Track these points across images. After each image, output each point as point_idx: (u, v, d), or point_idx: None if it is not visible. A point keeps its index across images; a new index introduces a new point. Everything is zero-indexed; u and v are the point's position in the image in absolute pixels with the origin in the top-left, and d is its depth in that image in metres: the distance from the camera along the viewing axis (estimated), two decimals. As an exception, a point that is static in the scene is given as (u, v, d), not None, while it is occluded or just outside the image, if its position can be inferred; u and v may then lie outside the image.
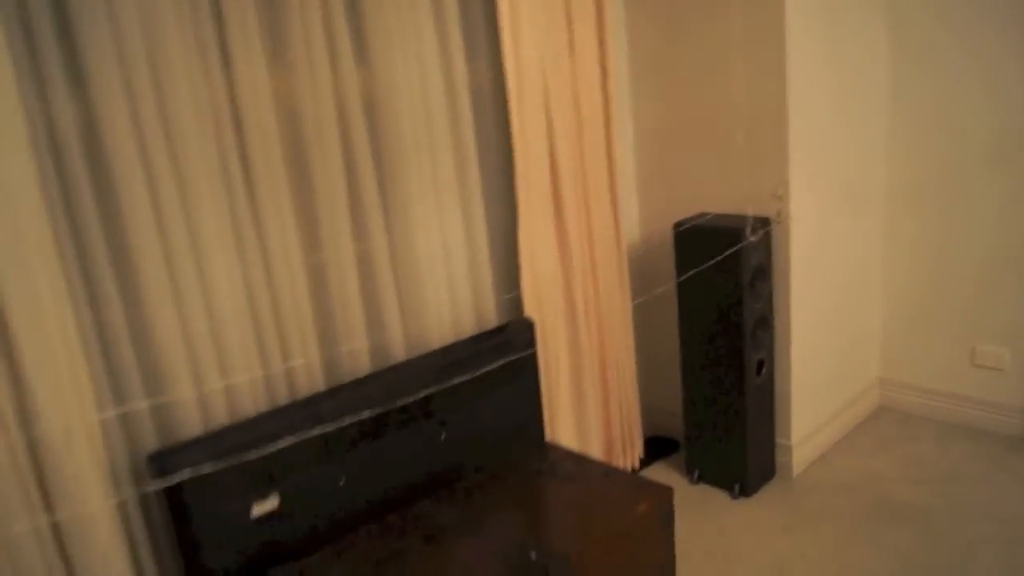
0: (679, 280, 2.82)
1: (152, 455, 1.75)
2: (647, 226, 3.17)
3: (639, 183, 3.16)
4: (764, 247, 2.72)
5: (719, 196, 2.89)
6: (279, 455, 1.87)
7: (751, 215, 2.70)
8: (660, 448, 3.26)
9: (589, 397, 2.77)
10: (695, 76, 2.88)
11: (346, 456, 2.01)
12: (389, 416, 2.08)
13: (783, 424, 2.97)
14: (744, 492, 2.88)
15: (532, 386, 2.48)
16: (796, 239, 2.79)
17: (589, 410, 2.79)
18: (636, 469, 3.06)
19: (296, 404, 1.99)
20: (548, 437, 2.60)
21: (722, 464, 2.92)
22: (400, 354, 2.28)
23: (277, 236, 1.98)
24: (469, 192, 2.43)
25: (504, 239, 2.56)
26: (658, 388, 3.27)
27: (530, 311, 2.52)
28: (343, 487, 2.01)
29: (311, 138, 2.02)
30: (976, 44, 2.88)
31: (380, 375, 2.16)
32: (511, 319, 2.55)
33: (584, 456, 2.39)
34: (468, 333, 2.45)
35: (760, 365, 2.80)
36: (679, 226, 2.79)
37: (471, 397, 2.28)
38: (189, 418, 1.84)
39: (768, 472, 2.97)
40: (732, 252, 2.62)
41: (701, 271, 2.73)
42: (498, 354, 2.33)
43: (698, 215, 2.88)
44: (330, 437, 1.97)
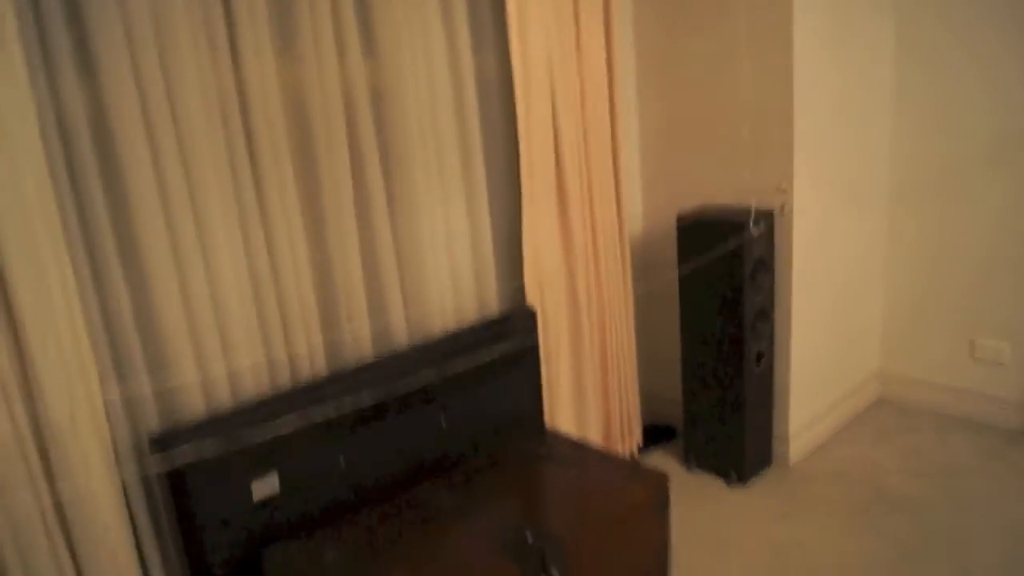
0: (681, 271, 2.83)
1: (155, 437, 1.78)
2: (650, 217, 3.18)
3: (643, 175, 3.17)
4: (766, 240, 2.73)
5: (722, 188, 2.90)
6: (280, 439, 1.90)
7: (754, 208, 2.70)
8: (659, 435, 3.29)
9: (589, 385, 2.80)
10: (701, 70, 2.88)
11: (347, 440, 2.04)
12: (390, 401, 2.11)
13: (781, 414, 2.99)
14: (740, 480, 2.90)
15: (533, 373, 2.50)
16: (798, 232, 2.79)
17: (589, 397, 2.81)
18: (635, 456, 3.09)
19: (298, 389, 2.02)
20: (548, 423, 2.63)
21: (719, 452, 2.94)
22: (402, 340, 2.30)
23: (282, 223, 2.00)
24: (474, 182, 2.44)
25: (508, 229, 2.57)
26: (658, 376, 3.30)
27: (532, 300, 2.54)
28: (343, 471, 2.04)
29: (318, 127, 2.03)
30: (978, 46, 2.90)
31: (382, 361, 2.19)
32: (513, 307, 2.57)
33: (582, 442, 2.42)
34: (470, 321, 2.47)
35: (759, 356, 2.81)
36: (682, 218, 2.80)
37: (472, 383, 2.31)
38: (192, 401, 1.87)
39: (765, 461, 2.99)
40: (734, 244, 2.63)
41: (703, 262, 2.74)
42: (500, 342, 2.36)
43: (701, 207, 2.88)
44: (331, 422, 2.00)
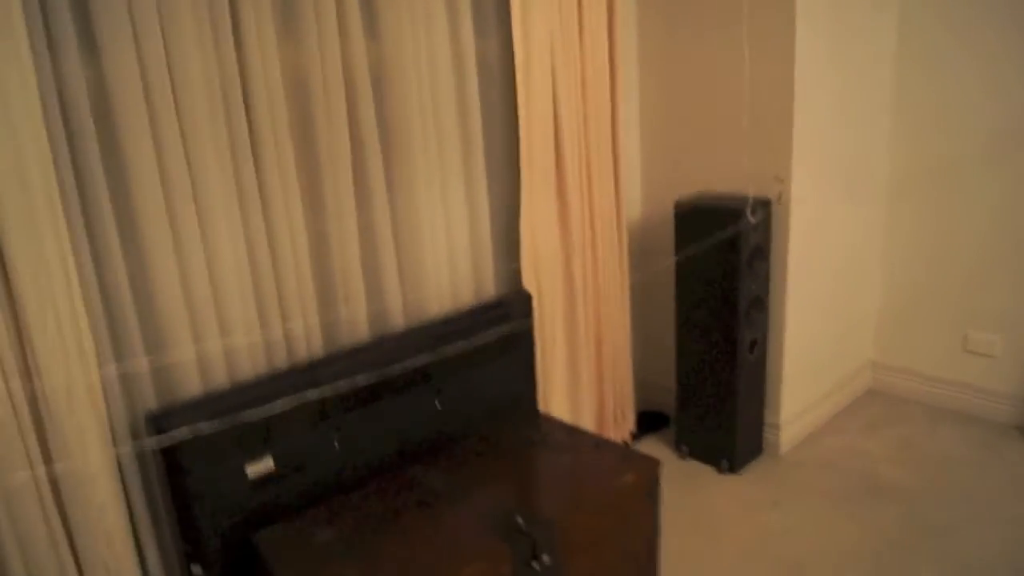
0: (678, 258, 2.84)
1: (151, 414, 1.79)
2: (648, 204, 3.19)
3: (643, 161, 3.17)
4: (763, 228, 2.73)
5: (721, 176, 2.90)
6: (276, 418, 1.91)
7: (752, 196, 2.71)
8: (652, 422, 3.31)
9: (583, 370, 2.81)
10: (703, 58, 2.87)
11: (342, 421, 2.05)
12: (386, 383, 2.12)
13: (773, 403, 3.01)
14: (732, 468, 2.92)
15: (527, 357, 2.51)
16: (795, 221, 2.80)
17: (583, 383, 2.83)
18: (628, 442, 3.11)
19: (295, 369, 2.03)
20: (541, 408, 2.65)
21: (711, 440, 2.96)
22: (399, 322, 2.31)
23: (281, 204, 2.00)
24: (473, 166, 2.44)
25: (506, 214, 2.58)
26: (653, 363, 3.31)
27: (528, 284, 2.55)
28: (338, 451, 2.05)
29: (319, 109, 2.03)
30: (977, 46, 2.91)
31: (378, 342, 2.20)
32: (509, 291, 2.57)
33: (575, 427, 2.43)
34: (467, 304, 2.48)
35: (753, 344, 2.83)
36: (680, 204, 2.80)
37: (467, 366, 2.32)
38: (189, 379, 1.88)
39: (756, 449, 3.02)
40: (731, 231, 2.64)
41: (700, 249, 2.75)
42: (495, 325, 2.36)
43: (699, 194, 2.88)
44: (327, 402, 2.01)
